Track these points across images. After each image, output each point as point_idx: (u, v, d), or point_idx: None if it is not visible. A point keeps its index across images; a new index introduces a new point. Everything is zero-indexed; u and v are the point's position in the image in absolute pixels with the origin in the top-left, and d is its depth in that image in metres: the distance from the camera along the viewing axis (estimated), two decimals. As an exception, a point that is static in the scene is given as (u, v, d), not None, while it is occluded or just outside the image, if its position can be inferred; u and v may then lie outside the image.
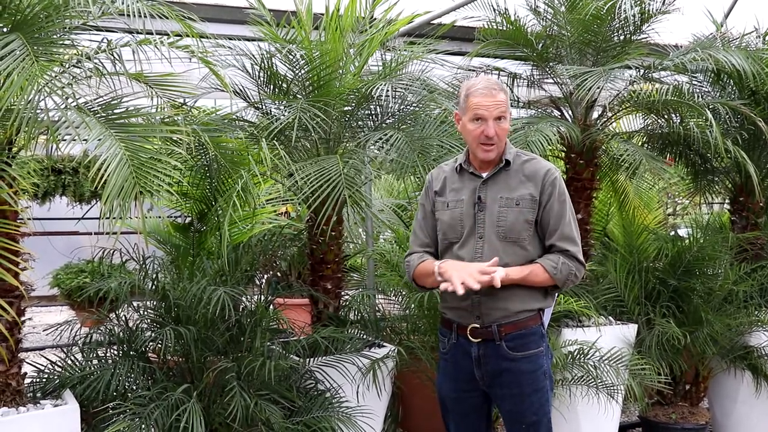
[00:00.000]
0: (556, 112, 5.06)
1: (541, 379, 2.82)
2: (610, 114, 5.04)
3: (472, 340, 2.82)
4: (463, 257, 2.81)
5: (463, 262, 2.78)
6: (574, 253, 2.78)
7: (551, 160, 5.23)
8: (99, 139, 2.67)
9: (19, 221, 3.08)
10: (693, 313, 4.76)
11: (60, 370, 3.48)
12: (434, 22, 5.12)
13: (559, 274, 2.77)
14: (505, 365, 2.79)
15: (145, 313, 3.73)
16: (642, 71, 4.76)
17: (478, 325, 2.80)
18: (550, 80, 5.02)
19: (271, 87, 4.18)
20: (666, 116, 5.05)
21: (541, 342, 2.84)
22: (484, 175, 2.84)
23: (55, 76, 2.83)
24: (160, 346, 3.48)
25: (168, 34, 3.22)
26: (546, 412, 2.84)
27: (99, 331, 3.71)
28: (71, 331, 3.72)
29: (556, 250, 2.79)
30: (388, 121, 4.29)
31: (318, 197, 3.53)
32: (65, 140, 2.83)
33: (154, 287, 3.74)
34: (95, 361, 3.56)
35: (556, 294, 2.96)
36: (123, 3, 2.88)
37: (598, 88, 4.31)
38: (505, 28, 4.80)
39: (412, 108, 4.27)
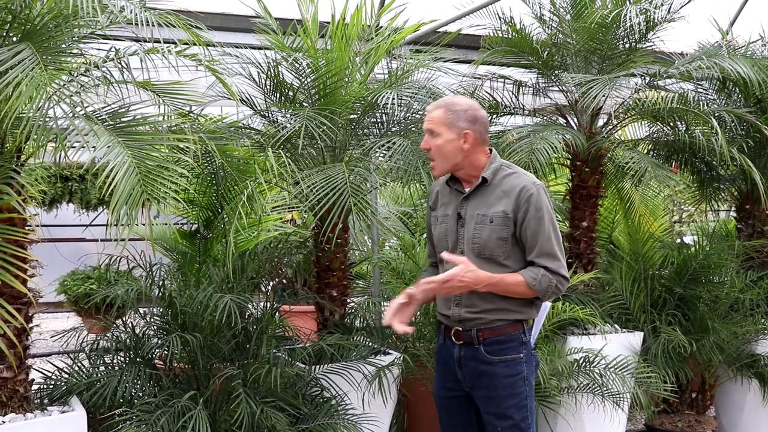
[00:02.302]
0: (562, 120, 5.06)
1: (519, 385, 2.86)
2: (615, 122, 5.05)
3: (455, 342, 2.91)
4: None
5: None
6: (553, 268, 2.79)
7: (557, 168, 5.25)
8: (107, 147, 2.69)
9: (27, 228, 3.10)
10: (699, 321, 4.75)
11: (67, 376, 3.49)
12: (440, 30, 5.13)
13: (539, 286, 2.78)
14: (483, 368, 2.86)
15: (152, 320, 3.74)
16: (647, 79, 4.77)
17: (461, 329, 2.89)
18: (556, 88, 5.03)
19: (278, 95, 4.20)
20: (671, 124, 5.06)
21: (521, 349, 2.87)
22: (466, 191, 2.90)
23: (64, 85, 2.86)
24: (166, 352, 3.49)
25: (175, 43, 3.24)
26: (524, 417, 2.87)
27: (106, 338, 3.72)
28: (78, 337, 3.74)
29: (537, 265, 2.81)
30: (393, 128, 4.31)
31: (324, 206, 3.54)
32: (74, 148, 2.85)
33: (160, 294, 3.75)
34: (102, 368, 3.58)
35: (547, 305, 3.02)
36: (131, 12, 2.90)
37: (604, 96, 4.31)
38: (510, 37, 4.82)
39: (417, 116, 4.28)
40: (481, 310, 2.84)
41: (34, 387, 3.29)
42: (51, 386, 3.42)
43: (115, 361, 3.62)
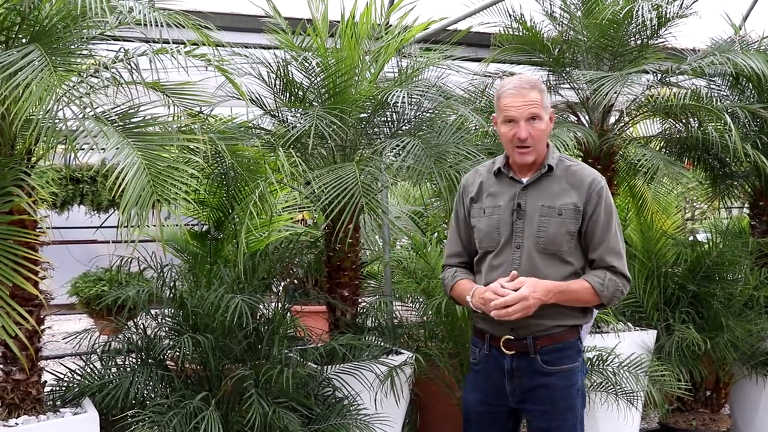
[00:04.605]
0: (573, 118, 5.04)
1: (574, 396, 2.68)
2: (627, 119, 5.02)
3: (506, 352, 2.68)
4: (498, 266, 2.67)
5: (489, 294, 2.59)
6: (620, 268, 2.63)
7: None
8: (117, 148, 2.68)
9: (38, 230, 3.10)
10: (713, 318, 4.72)
11: (79, 378, 3.49)
12: (450, 28, 5.11)
13: (606, 292, 2.61)
14: (538, 380, 2.65)
15: (163, 321, 3.74)
16: (659, 75, 4.74)
17: (513, 337, 2.65)
18: (567, 85, 5.00)
19: (287, 95, 4.19)
20: (684, 120, 5.03)
21: (578, 357, 2.70)
22: (525, 180, 2.68)
23: (73, 86, 2.85)
24: (178, 354, 3.48)
25: (184, 43, 3.24)
26: (578, 431, 2.70)
27: (117, 339, 3.72)
28: (90, 339, 3.74)
29: (602, 265, 2.64)
30: (404, 127, 4.29)
31: (336, 206, 3.53)
32: (83, 149, 2.84)
33: (171, 295, 3.75)
34: (114, 369, 3.58)
35: (596, 310, 2.83)
36: (140, 13, 2.89)
37: (615, 92, 4.28)
38: (521, 34, 4.80)
39: (428, 114, 4.26)
40: (537, 314, 2.57)
41: (47, 389, 3.29)
42: (63, 388, 3.42)
43: (127, 363, 3.62)
